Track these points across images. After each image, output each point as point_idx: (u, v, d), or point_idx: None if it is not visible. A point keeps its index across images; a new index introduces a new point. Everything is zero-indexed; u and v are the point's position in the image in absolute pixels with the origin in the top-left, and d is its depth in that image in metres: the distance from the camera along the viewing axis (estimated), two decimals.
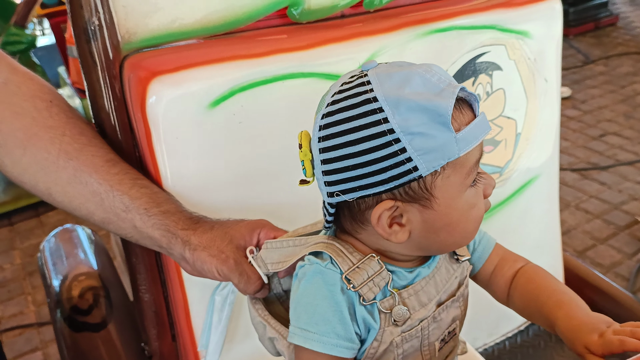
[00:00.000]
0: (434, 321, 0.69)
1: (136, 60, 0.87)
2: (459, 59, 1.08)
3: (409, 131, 0.57)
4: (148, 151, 0.88)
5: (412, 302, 0.67)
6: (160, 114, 0.85)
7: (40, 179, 0.82)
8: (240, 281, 0.77)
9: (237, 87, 0.89)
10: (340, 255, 0.65)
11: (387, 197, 0.61)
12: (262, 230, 0.80)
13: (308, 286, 0.66)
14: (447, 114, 0.57)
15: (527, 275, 0.74)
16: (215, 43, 0.93)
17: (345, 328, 0.64)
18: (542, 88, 1.20)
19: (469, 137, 0.59)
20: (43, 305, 2.45)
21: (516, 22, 1.13)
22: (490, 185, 0.66)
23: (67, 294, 1.25)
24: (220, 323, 0.86)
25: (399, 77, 0.59)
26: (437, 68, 0.61)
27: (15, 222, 3.05)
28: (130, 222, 0.81)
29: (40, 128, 0.80)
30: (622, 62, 4.35)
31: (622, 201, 2.74)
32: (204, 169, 0.90)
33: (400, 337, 0.66)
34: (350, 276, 0.64)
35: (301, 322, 0.65)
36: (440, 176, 0.60)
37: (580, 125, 3.50)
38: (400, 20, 1.04)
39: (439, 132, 0.58)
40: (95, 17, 0.84)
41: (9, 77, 0.80)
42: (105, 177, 0.81)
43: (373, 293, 0.64)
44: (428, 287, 0.68)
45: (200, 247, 0.78)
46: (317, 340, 0.64)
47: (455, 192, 0.62)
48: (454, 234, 0.65)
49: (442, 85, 0.59)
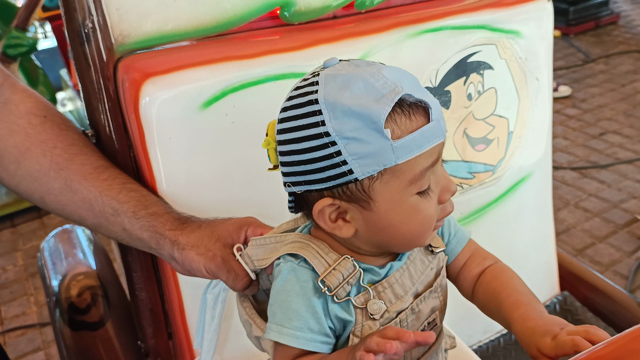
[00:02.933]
0: (412, 313, 0.69)
1: (129, 62, 0.89)
2: (450, 59, 1.10)
3: (344, 135, 0.58)
4: (142, 151, 0.89)
5: (388, 295, 0.67)
6: (154, 115, 0.87)
7: (34, 190, 0.86)
8: (229, 278, 0.78)
9: (230, 88, 0.90)
10: (316, 257, 0.66)
11: (327, 195, 0.63)
12: (249, 228, 0.81)
13: (282, 284, 0.67)
14: (379, 121, 0.57)
15: (493, 273, 0.74)
16: (207, 44, 0.95)
17: (319, 323, 0.65)
18: (533, 87, 1.21)
19: (410, 145, 0.59)
20: (45, 306, 2.46)
21: (507, 22, 1.14)
22: (448, 190, 0.64)
23: (66, 293, 1.26)
24: (213, 321, 0.87)
25: (342, 79, 0.59)
26: (387, 71, 0.60)
27: (17, 223, 3.07)
28: (120, 225, 0.84)
29: (32, 142, 0.84)
30: (622, 60, 4.35)
31: (621, 199, 2.74)
32: (197, 168, 0.92)
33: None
34: (327, 279, 0.64)
35: (276, 318, 0.66)
36: (378, 181, 0.60)
37: (580, 123, 3.50)
38: (392, 21, 1.05)
39: (373, 138, 0.58)
40: (89, 20, 0.85)
41: (10, 97, 0.85)
42: (94, 184, 0.84)
43: (345, 291, 0.65)
44: (403, 279, 0.69)
45: (188, 246, 0.80)
46: (291, 335, 0.65)
47: (395, 198, 0.61)
48: (397, 235, 0.65)
49: (385, 90, 0.58)
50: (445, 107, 1.12)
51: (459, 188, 1.18)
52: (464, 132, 1.16)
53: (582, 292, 1.41)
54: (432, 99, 0.61)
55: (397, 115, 0.58)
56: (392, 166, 0.59)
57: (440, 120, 0.61)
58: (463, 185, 1.19)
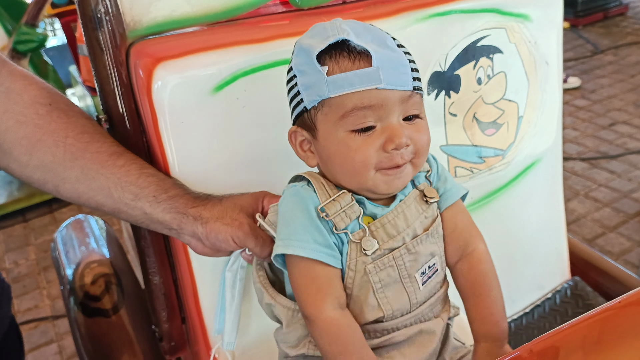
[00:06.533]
0: (409, 253, 0.75)
1: (142, 47, 0.90)
2: (459, 43, 1.10)
3: (298, 69, 0.72)
4: (155, 136, 0.90)
5: (380, 234, 0.74)
6: (166, 99, 0.87)
7: (48, 179, 0.86)
8: (257, 245, 0.82)
9: (240, 72, 0.91)
10: (321, 188, 0.74)
11: (296, 123, 0.76)
12: (265, 198, 0.85)
13: (287, 204, 0.76)
14: (314, 56, 0.69)
15: (469, 265, 0.80)
16: (218, 29, 0.95)
17: (322, 236, 0.72)
18: (543, 71, 1.21)
19: (341, 82, 0.68)
20: (57, 299, 2.49)
21: (516, 6, 1.14)
22: (391, 141, 0.69)
23: (80, 281, 1.28)
24: (233, 300, 0.90)
25: (316, 27, 0.73)
26: (348, 24, 0.71)
27: (29, 218, 3.10)
28: (140, 209, 0.85)
29: (43, 133, 0.84)
30: (631, 51, 4.33)
31: (631, 189, 2.73)
32: (209, 151, 0.92)
33: (373, 265, 0.73)
34: (326, 207, 0.72)
35: (283, 234, 0.73)
36: (320, 112, 0.71)
37: (590, 114, 3.49)
38: (400, 5, 1.05)
39: (313, 71, 0.70)
40: (102, 6, 0.86)
41: (10, 86, 0.84)
42: (112, 171, 0.85)
43: (344, 223, 0.73)
44: (396, 220, 0.75)
45: (213, 218, 0.82)
46: (298, 246, 0.71)
47: (330, 129, 0.71)
48: (337, 168, 0.73)
49: (331, 36, 0.70)
50: (455, 91, 1.12)
51: (469, 172, 1.18)
52: (473, 117, 1.16)
53: (593, 278, 1.41)
54: (384, 53, 0.69)
55: (341, 57, 0.69)
56: (327, 99, 0.70)
57: (384, 70, 0.68)
58: (473, 169, 1.19)
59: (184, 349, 1.13)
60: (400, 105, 0.70)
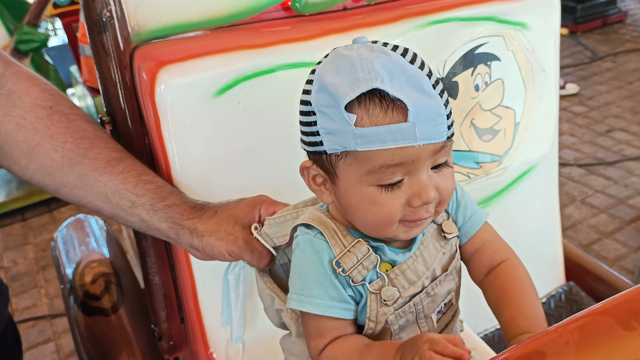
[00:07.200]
0: (428, 296, 0.72)
1: (145, 50, 0.91)
2: (458, 50, 1.11)
3: (319, 109, 0.63)
4: (157, 138, 0.92)
5: (400, 281, 0.70)
6: (169, 102, 0.89)
7: (48, 182, 0.87)
8: (253, 258, 0.81)
9: (242, 76, 0.92)
10: (334, 237, 0.69)
11: (311, 158, 0.69)
12: (262, 206, 0.84)
13: (301, 255, 0.71)
14: (342, 104, 0.60)
15: (501, 275, 0.74)
16: (220, 34, 0.97)
17: (337, 291, 0.68)
18: (540, 78, 1.22)
19: (371, 137, 0.60)
20: (55, 297, 2.50)
21: (514, 14, 1.16)
22: (419, 197, 0.63)
23: (80, 280, 1.29)
24: (238, 299, 0.91)
25: (339, 58, 0.63)
26: (381, 63, 0.60)
27: (28, 217, 3.11)
28: (138, 216, 0.86)
29: (42, 137, 0.84)
30: (629, 58, 4.35)
31: (627, 196, 2.75)
32: (210, 154, 0.94)
33: (394, 315, 0.70)
34: (341, 260, 0.68)
35: (296, 288, 0.70)
36: (343, 160, 0.64)
37: (587, 121, 3.51)
38: (400, 12, 1.07)
39: (338, 118, 0.61)
40: (107, 10, 0.88)
41: (12, 88, 0.84)
42: (109, 178, 0.85)
43: (361, 275, 0.68)
44: (416, 264, 0.71)
45: (208, 232, 0.82)
46: (312, 303, 0.68)
47: (354, 182, 0.64)
48: (356, 218, 0.68)
49: (363, 79, 0.60)
50: (453, 97, 1.14)
51: (465, 178, 1.20)
52: (471, 123, 1.17)
53: (588, 283, 1.43)
54: (421, 102, 0.60)
55: (372, 105, 0.60)
56: (353, 151, 0.62)
57: (420, 125, 0.60)
58: (470, 175, 1.20)
59: (183, 349, 1.14)
60: (431, 157, 0.63)
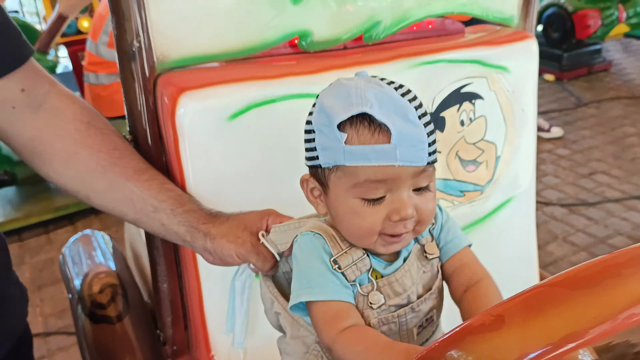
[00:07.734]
0: (413, 311, 0.79)
1: (168, 78, 1.02)
2: (445, 88, 1.24)
3: (317, 127, 0.74)
4: (175, 155, 1.02)
5: (387, 291, 0.78)
6: (187, 124, 1.00)
7: (81, 188, 0.97)
8: (258, 260, 0.90)
9: (253, 103, 1.04)
10: (332, 240, 0.78)
11: (309, 172, 0.80)
12: (269, 217, 0.94)
13: (303, 251, 0.80)
14: (335, 122, 0.71)
15: (475, 293, 0.79)
16: (235, 66, 1.09)
17: (338, 278, 0.76)
18: (520, 117, 1.35)
19: (357, 153, 0.70)
20: (50, 316, 2.55)
21: (497, 58, 1.28)
22: (397, 213, 0.72)
23: (89, 290, 1.37)
24: (242, 305, 1.00)
25: (340, 87, 0.74)
26: (373, 92, 0.70)
27: (25, 238, 3.16)
28: (159, 221, 0.96)
29: (79, 147, 0.95)
30: (613, 105, 4.52)
31: (607, 235, 2.86)
32: (223, 172, 1.04)
33: (377, 320, 0.77)
34: (338, 259, 0.77)
35: (303, 284, 0.77)
36: (333, 174, 0.74)
37: (571, 163, 3.64)
38: (395, 53, 1.19)
39: (332, 136, 0.72)
40: (137, 41, 0.99)
41: (56, 104, 0.95)
42: (136, 184, 0.96)
43: (355, 275, 0.77)
44: (404, 279, 0.78)
45: (219, 235, 0.92)
46: (319, 292, 0.75)
47: (341, 193, 0.74)
48: (342, 226, 0.77)
49: (355, 104, 0.70)
50: (440, 130, 1.25)
51: (450, 204, 1.31)
52: (456, 154, 1.29)
53: None
54: (404, 129, 0.69)
55: (361, 127, 0.70)
56: (342, 166, 0.72)
57: (401, 148, 0.69)
58: (454, 202, 1.31)
59: (185, 354, 1.22)
60: (412, 179, 0.72)
